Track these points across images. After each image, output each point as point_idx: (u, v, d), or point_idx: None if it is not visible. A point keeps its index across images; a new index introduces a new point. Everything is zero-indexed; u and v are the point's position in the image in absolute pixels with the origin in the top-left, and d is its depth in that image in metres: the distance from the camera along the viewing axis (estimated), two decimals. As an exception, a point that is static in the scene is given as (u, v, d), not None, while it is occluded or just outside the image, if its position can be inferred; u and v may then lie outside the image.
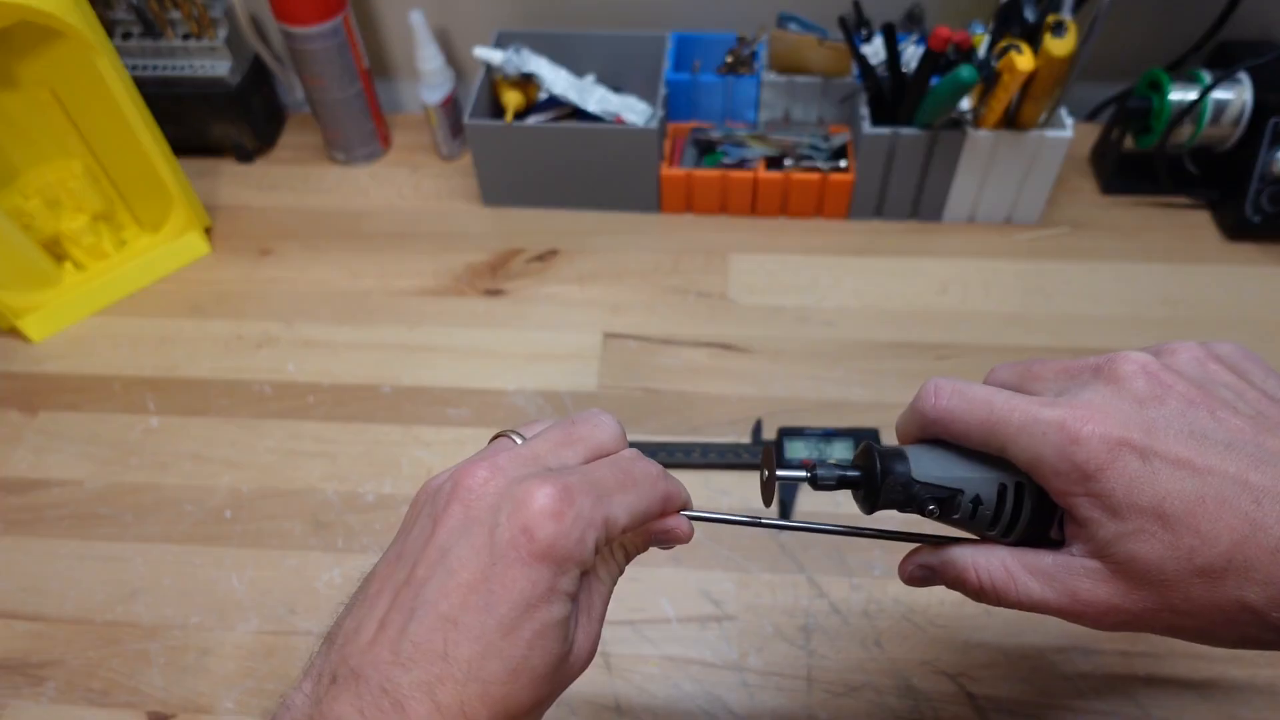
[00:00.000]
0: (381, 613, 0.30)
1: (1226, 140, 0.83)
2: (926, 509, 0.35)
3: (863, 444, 0.37)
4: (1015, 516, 0.34)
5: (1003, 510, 0.34)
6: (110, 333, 0.82)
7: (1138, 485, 0.29)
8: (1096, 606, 0.31)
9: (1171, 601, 0.30)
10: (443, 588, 0.30)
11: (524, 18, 0.94)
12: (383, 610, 0.30)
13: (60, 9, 0.68)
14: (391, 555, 0.32)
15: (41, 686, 0.60)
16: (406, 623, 0.29)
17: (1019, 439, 0.32)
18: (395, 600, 0.30)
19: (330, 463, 0.71)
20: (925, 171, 0.83)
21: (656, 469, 0.36)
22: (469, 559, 0.30)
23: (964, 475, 0.34)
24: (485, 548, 0.30)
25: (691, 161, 0.87)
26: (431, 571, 0.30)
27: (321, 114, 0.92)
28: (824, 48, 0.83)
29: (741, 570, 0.64)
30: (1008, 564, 0.34)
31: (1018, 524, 0.34)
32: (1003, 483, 0.34)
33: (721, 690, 0.59)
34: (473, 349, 0.79)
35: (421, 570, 0.30)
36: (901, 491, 0.35)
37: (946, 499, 0.34)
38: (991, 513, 0.34)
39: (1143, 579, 0.30)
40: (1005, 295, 0.81)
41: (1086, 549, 0.32)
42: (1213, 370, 0.32)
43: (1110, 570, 0.31)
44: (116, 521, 0.69)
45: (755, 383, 0.75)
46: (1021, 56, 0.72)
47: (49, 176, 0.80)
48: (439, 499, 0.32)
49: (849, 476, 0.36)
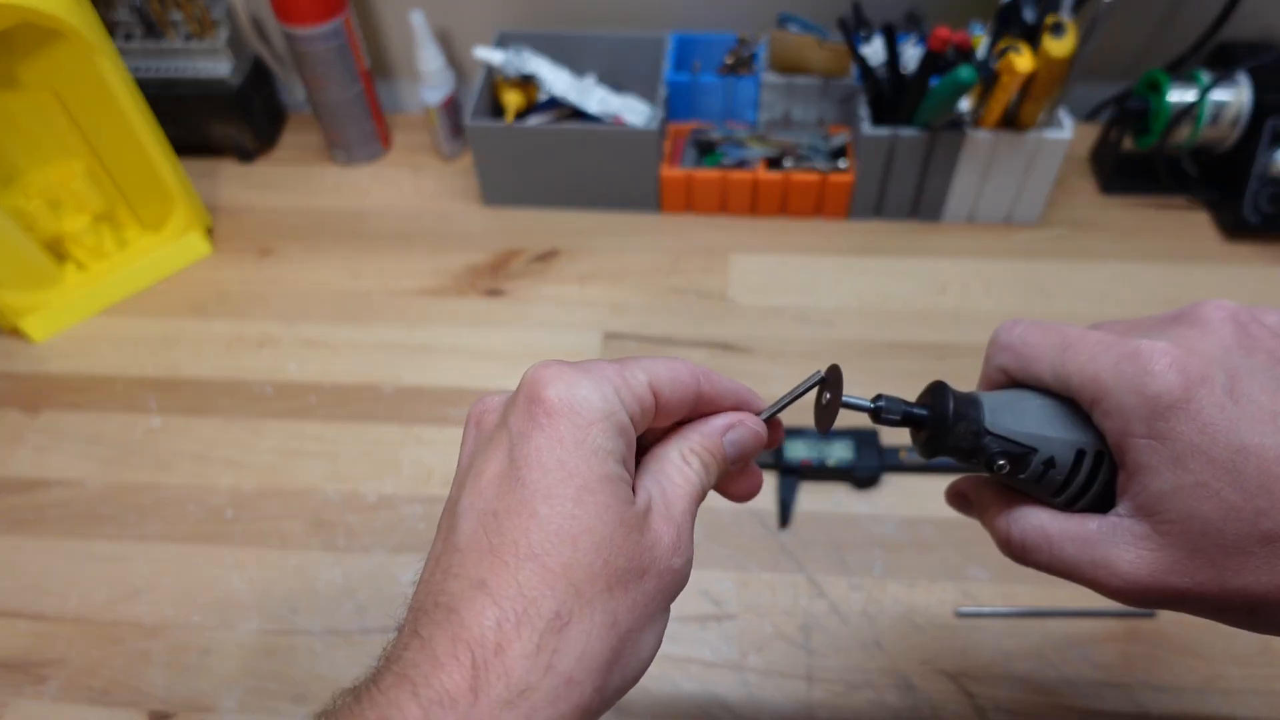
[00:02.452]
0: (436, 551, 0.29)
1: (1225, 141, 0.83)
2: (996, 464, 0.31)
3: (933, 382, 0.34)
4: (1086, 488, 0.31)
5: (1074, 478, 0.31)
6: (112, 333, 0.82)
7: (1213, 430, 0.26)
8: (1137, 582, 0.28)
9: (1224, 574, 0.27)
10: (475, 491, 0.28)
11: (524, 18, 0.94)
12: (436, 549, 0.29)
13: (62, 10, 0.68)
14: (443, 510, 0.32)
15: (43, 685, 0.60)
16: (450, 537, 0.28)
17: (1087, 366, 0.29)
18: (442, 534, 0.29)
19: (331, 462, 0.72)
20: (925, 172, 0.83)
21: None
22: (492, 455, 0.29)
23: (1041, 434, 0.31)
24: (504, 438, 0.29)
25: (691, 162, 0.88)
26: (463, 486, 0.29)
27: (322, 114, 0.92)
28: (824, 48, 0.83)
29: (741, 570, 0.64)
30: (1047, 528, 0.31)
31: (1086, 495, 0.31)
32: (1081, 448, 0.31)
33: (721, 690, 0.59)
34: (473, 349, 0.79)
35: (455, 491, 0.30)
36: (971, 440, 0.32)
37: (1019, 456, 0.31)
38: (1062, 478, 0.31)
39: (1197, 545, 0.27)
40: (1005, 295, 0.81)
41: (1135, 506, 0.28)
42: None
43: (1160, 536, 0.28)
44: (118, 521, 0.69)
45: (755, 383, 0.74)
46: (1021, 57, 0.72)
47: (51, 177, 0.80)
48: (464, 434, 0.33)
49: (914, 414, 0.33)
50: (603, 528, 0.27)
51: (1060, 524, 0.31)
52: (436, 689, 0.24)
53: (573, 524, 0.27)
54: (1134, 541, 0.28)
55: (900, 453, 0.68)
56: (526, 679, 0.25)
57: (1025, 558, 0.32)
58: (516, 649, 0.25)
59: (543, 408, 0.28)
